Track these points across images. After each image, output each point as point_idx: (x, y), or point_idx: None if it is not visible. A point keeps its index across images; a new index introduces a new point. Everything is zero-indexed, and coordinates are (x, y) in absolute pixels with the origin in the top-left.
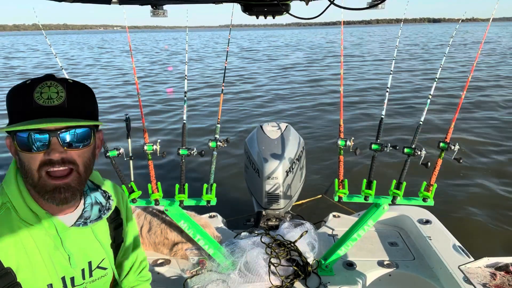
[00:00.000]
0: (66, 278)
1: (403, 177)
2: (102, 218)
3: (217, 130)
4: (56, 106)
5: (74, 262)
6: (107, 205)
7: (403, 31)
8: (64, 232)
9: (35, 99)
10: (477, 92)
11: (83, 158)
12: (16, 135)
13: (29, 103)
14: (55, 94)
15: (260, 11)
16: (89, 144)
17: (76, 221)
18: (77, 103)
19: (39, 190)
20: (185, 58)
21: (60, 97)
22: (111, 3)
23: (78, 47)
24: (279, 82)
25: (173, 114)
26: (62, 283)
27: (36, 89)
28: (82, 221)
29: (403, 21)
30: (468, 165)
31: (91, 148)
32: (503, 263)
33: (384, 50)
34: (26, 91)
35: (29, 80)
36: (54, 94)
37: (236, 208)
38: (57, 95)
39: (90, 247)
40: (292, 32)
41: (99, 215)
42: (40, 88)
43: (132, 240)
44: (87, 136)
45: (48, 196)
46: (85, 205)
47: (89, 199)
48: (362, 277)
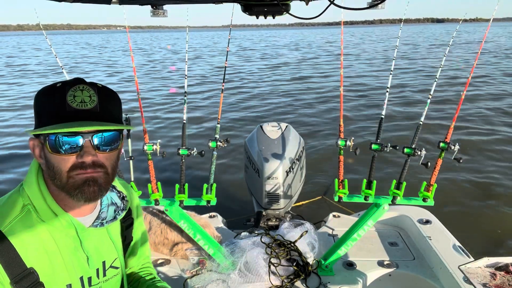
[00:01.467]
0: (84, 278)
1: (403, 177)
2: (117, 218)
3: (217, 130)
4: (90, 110)
5: (92, 262)
6: (122, 205)
7: (405, 31)
8: (83, 233)
9: (68, 102)
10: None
11: (110, 161)
12: (48, 137)
13: (62, 106)
14: (88, 98)
15: (260, 11)
16: (117, 147)
17: (94, 222)
18: (108, 107)
19: (69, 189)
20: (186, 58)
21: (92, 101)
22: (111, 3)
23: (81, 46)
24: (279, 82)
25: (173, 114)
26: (80, 283)
27: (69, 92)
28: (99, 222)
29: (402, 21)
30: (468, 165)
31: (118, 151)
32: (503, 263)
33: (385, 50)
34: (58, 94)
35: (59, 83)
36: (87, 98)
37: (236, 208)
38: (90, 99)
39: (105, 247)
40: (293, 32)
41: (114, 216)
42: (73, 92)
43: (139, 238)
44: (116, 140)
45: (78, 191)
46: (101, 206)
47: (106, 200)
48: (362, 277)
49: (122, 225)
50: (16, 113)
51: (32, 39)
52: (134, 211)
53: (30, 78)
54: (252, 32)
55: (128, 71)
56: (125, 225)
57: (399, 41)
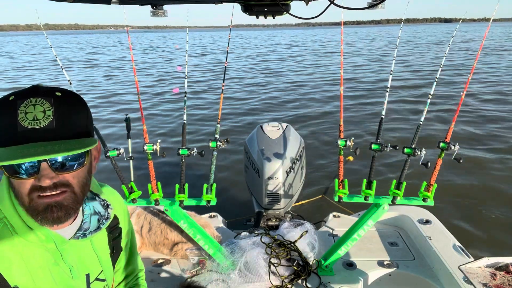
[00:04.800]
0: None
1: (403, 177)
2: (101, 228)
3: (217, 130)
4: (43, 128)
5: (75, 274)
6: (106, 214)
7: (408, 31)
8: (62, 246)
9: (19, 120)
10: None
11: (78, 179)
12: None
13: (13, 125)
14: (41, 113)
15: (260, 11)
16: (83, 163)
17: (75, 233)
18: (67, 120)
19: (31, 213)
20: (189, 59)
21: (47, 117)
22: (111, 3)
23: (92, 46)
24: (280, 81)
25: (173, 114)
26: None
27: (20, 108)
28: (82, 233)
29: (403, 21)
30: (468, 164)
31: (87, 166)
32: (503, 263)
33: (392, 50)
34: (9, 110)
35: (12, 96)
36: (40, 114)
37: (236, 208)
38: (44, 115)
39: (89, 259)
40: (298, 32)
41: (98, 226)
42: (25, 107)
43: (130, 247)
44: (81, 155)
45: (41, 216)
46: (83, 216)
47: (88, 209)
48: (362, 277)
49: (110, 235)
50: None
51: (41, 38)
52: (122, 218)
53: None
54: (257, 32)
55: (129, 70)
56: (112, 235)
57: (399, 41)
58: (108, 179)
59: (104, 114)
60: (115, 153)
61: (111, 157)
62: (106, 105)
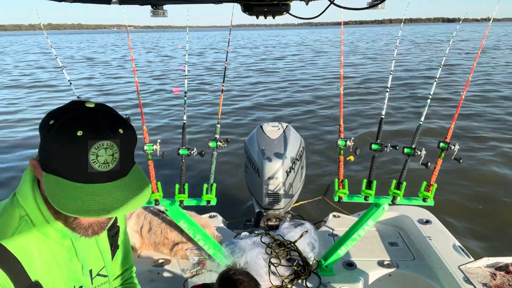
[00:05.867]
0: (76, 287)
1: (403, 177)
2: (106, 227)
3: (217, 130)
4: (111, 170)
5: (85, 270)
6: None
7: (409, 31)
8: (77, 243)
9: (90, 162)
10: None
11: None
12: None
13: (83, 165)
14: (110, 157)
15: (260, 11)
16: None
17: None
18: (127, 158)
19: (73, 227)
20: (192, 59)
21: (114, 160)
22: (111, 3)
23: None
24: (280, 81)
25: (174, 114)
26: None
27: (92, 150)
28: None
29: (403, 21)
30: (468, 164)
31: None
32: (503, 263)
33: (388, 50)
34: (80, 149)
35: (79, 131)
36: (109, 157)
37: (236, 208)
38: (112, 158)
39: (93, 256)
40: (296, 32)
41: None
42: (96, 150)
43: (125, 245)
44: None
45: (82, 231)
46: None
47: None
48: (362, 277)
49: (109, 232)
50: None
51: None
52: (119, 217)
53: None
54: (258, 32)
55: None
56: (111, 233)
57: (399, 41)
58: None
59: None
60: None
61: None
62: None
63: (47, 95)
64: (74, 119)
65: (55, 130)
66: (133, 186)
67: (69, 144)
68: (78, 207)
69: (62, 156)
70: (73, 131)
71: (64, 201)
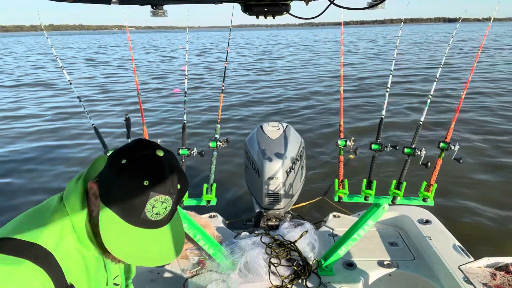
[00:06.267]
0: None
1: (403, 177)
2: None
3: (217, 130)
4: (159, 220)
5: (110, 281)
6: None
7: (410, 30)
8: (104, 255)
9: (145, 210)
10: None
11: None
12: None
13: (138, 210)
14: (163, 210)
15: (260, 11)
16: None
17: None
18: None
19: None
20: (192, 59)
21: (165, 212)
22: (111, 3)
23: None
24: (280, 81)
25: (173, 114)
26: None
27: (150, 201)
28: None
29: (403, 21)
30: (468, 164)
31: None
32: (503, 263)
33: (388, 49)
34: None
35: (147, 181)
36: (162, 210)
37: (236, 208)
38: (165, 210)
39: (112, 265)
40: (297, 31)
41: None
42: (154, 202)
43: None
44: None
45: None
46: None
47: None
48: (362, 277)
49: None
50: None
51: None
52: None
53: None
54: (259, 32)
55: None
56: None
57: (401, 40)
58: None
59: (104, 114)
60: None
61: None
62: (106, 105)
63: (48, 93)
64: (144, 167)
65: (126, 174)
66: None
67: (134, 190)
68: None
69: (123, 198)
70: (141, 179)
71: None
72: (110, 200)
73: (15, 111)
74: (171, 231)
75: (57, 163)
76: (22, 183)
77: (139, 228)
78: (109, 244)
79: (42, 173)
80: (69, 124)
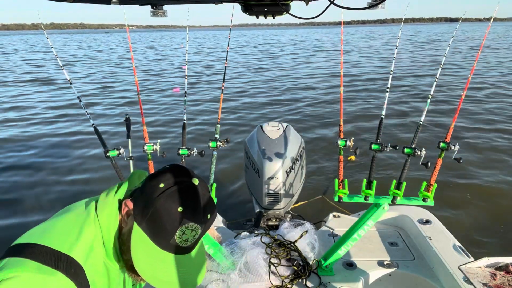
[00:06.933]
0: None
1: (403, 177)
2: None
3: (217, 130)
4: (187, 247)
5: None
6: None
7: (410, 30)
8: (123, 269)
9: (175, 236)
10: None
11: None
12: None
13: (168, 235)
14: (192, 238)
15: (260, 11)
16: None
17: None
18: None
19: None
20: (192, 58)
21: (193, 239)
22: (111, 3)
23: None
24: (280, 81)
25: (174, 114)
26: None
27: (182, 227)
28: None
29: (403, 21)
30: (468, 164)
31: None
32: (503, 263)
33: (388, 49)
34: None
35: (181, 207)
36: (191, 238)
37: (236, 208)
38: (193, 238)
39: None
40: (297, 31)
41: None
42: (185, 229)
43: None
44: None
45: (133, 277)
46: None
47: None
48: (362, 277)
49: None
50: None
51: (51, 37)
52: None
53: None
54: (259, 32)
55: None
56: None
57: (402, 40)
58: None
59: (104, 114)
60: (115, 153)
61: (111, 157)
62: (106, 105)
63: (49, 91)
64: (180, 194)
65: (164, 199)
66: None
67: (168, 216)
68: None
69: (156, 220)
70: (177, 206)
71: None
72: (143, 221)
73: (15, 109)
74: (195, 259)
75: (57, 159)
76: (22, 179)
77: (166, 252)
78: (137, 263)
79: (42, 167)
80: (69, 124)
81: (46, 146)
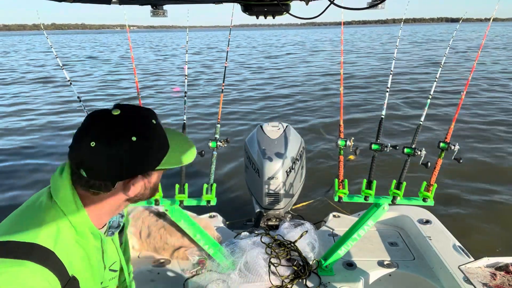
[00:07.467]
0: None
1: (403, 177)
2: (121, 225)
3: (217, 130)
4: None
5: (107, 269)
6: (122, 212)
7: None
8: (105, 245)
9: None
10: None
11: None
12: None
13: (166, 148)
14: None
15: (260, 11)
16: None
17: (106, 231)
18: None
19: (153, 193)
20: (192, 58)
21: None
22: (111, 3)
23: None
24: (280, 81)
25: (173, 114)
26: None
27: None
28: (111, 231)
29: (403, 21)
30: (468, 164)
31: None
32: (503, 263)
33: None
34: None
35: (134, 136)
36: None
37: (236, 208)
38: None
39: (112, 254)
40: (297, 31)
41: (118, 223)
42: (159, 129)
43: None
44: None
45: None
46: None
47: None
48: (362, 277)
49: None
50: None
51: (52, 38)
52: (125, 215)
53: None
54: (260, 32)
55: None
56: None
57: (402, 41)
58: None
59: None
60: None
61: None
62: (105, 105)
63: (49, 91)
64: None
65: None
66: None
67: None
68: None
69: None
70: (131, 137)
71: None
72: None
73: (14, 106)
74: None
75: (57, 159)
76: (22, 179)
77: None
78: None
79: (42, 167)
80: (69, 124)
81: (46, 146)
